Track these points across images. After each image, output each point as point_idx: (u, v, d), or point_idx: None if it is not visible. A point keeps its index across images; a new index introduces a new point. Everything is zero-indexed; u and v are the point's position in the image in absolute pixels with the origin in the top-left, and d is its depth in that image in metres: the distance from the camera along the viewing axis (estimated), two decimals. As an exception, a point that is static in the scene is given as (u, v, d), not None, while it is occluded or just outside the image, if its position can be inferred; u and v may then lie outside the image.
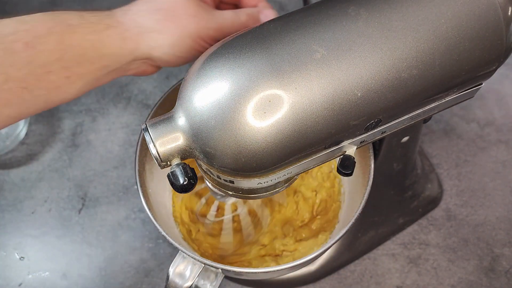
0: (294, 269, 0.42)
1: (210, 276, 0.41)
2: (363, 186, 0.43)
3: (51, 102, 0.35)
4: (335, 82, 0.29)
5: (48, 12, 0.35)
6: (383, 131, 0.34)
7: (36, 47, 0.33)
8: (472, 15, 0.30)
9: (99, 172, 0.61)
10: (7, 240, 0.57)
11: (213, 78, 0.29)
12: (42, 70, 0.33)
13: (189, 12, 0.36)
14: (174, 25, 0.36)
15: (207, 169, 0.33)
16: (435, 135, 0.63)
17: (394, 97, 0.30)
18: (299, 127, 0.29)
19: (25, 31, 0.33)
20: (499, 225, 0.57)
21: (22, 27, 0.34)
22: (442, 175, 0.60)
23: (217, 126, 0.29)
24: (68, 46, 0.34)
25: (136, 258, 0.55)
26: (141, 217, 0.58)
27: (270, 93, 0.28)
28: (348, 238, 0.54)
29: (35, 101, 0.35)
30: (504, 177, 0.60)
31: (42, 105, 0.35)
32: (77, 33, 0.34)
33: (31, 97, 0.34)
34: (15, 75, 0.33)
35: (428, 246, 0.56)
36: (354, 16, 0.30)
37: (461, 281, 0.54)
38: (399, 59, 0.29)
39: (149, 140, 0.31)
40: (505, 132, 0.63)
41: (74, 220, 0.58)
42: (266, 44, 0.29)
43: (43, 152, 0.63)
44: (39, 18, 0.34)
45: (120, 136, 0.64)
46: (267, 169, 0.30)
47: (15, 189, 0.60)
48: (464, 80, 0.33)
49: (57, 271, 0.55)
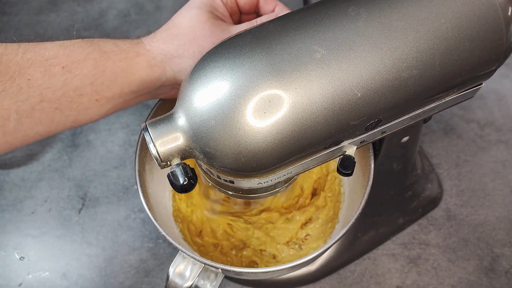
0: (294, 269, 0.42)
1: (210, 276, 0.41)
2: (363, 186, 0.43)
3: (79, 121, 0.37)
4: (335, 82, 0.29)
5: (86, 38, 0.37)
6: (383, 131, 0.34)
7: (72, 71, 0.35)
8: (472, 15, 0.30)
9: (99, 172, 0.61)
10: (7, 240, 0.57)
11: (213, 78, 0.29)
12: (75, 93, 0.35)
13: (206, 34, 0.38)
14: (194, 48, 0.38)
15: (207, 169, 0.33)
16: (435, 135, 0.63)
17: (394, 97, 0.30)
18: (299, 127, 0.29)
19: (65, 55, 0.35)
20: (499, 225, 0.57)
21: (63, 51, 0.35)
22: (442, 175, 0.60)
23: (217, 126, 0.29)
24: (101, 71, 0.36)
25: (136, 258, 0.55)
26: (141, 217, 0.58)
27: (270, 93, 0.28)
28: (348, 238, 0.54)
29: (65, 120, 0.36)
30: (504, 177, 0.60)
31: (70, 124, 0.37)
32: (110, 60, 0.36)
33: (61, 117, 0.36)
34: (50, 97, 0.34)
35: (428, 246, 0.56)
36: (354, 16, 0.30)
37: (461, 281, 0.54)
38: (399, 59, 0.29)
39: (149, 140, 0.31)
40: (505, 132, 0.63)
41: (74, 220, 0.58)
42: (266, 44, 0.29)
43: (43, 152, 0.63)
44: (79, 44, 0.36)
45: (120, 136, 0.63)
46: (267, 169, 0.30)
47: (15, 189, 0.60)
48: (464, 80, 0.33)
49: (57, 271, 0.55)
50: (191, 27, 0.38)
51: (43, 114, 0.35)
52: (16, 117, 0.34)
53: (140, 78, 0.37)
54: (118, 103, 0.38)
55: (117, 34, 0.73)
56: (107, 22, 0.74)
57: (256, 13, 0.43)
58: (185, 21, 0.38)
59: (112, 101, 0.37)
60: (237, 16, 0.43)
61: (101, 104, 0.37)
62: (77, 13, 0.75)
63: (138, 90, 0.38)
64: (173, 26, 0.39)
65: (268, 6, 0.42)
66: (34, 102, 0.34)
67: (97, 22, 0.74)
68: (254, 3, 0.42)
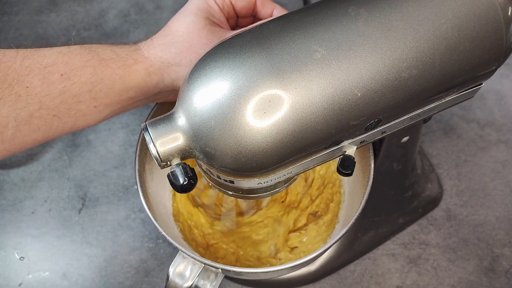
0: (294, 269, 0.42)
1: (210, 276, 0.41)
2: (363, 186, 0.43)
3: (76, 127, 0.37)
4: (335, 82, 0.29)
5: (85, 45, 0.37)
6: (383, 131, 0.34)
7: (71, 78, 0.35)
8: (472, 15, 0.30)
9: (99, 172, 0.61)
10: (7, 240, 0.57)
11: (213, 78, 0.29)
12: (73, 100, 0.35)
13: (203, 41, 0.38)
14: (191, 56, 0.38)
15: (207, 169, 0.33)
16: (435, 135, 0.63)
17: (394, 97, 0.30)
18: (299, 127, 0.29)
19: (64, 63, 0.35)
20: (499, 225, 0.57)
21: (61, 59, 0.35)
22: (442, 175, 0.60)
23: (217, 126, 0.29)
24: (100, 79, 0.36)
25: (136, 258, 0.55)
26: (141, 217, 0.58)
27: (270, 93, 0.28)
28: (348, 238, 0.54)
29: (63, 127, 0.37)
30: (504, 177, 0.60)
31: (67, 130, 0.37)
32: (109, 67, 0.36)
33: (59, 123, 0.36)
34: (48, 104, 0.35)
35: (428, 246, 0.56)
36: (354, 16, 0.30)
37: (461, 281, 0.54)
38: (399, 59, 0.29)
39: (149, 140, 0.31)
40: (505, 132, 0.63)
41: (74, 220, 0.58)
42: (266, 44, 0.29)
43: (43, 152, 0.63)
44: (77, 51, 0.36)
45: (120, 136, 0.63)
46: (267, 169, 0.30)
47: (15, 189, 0.60)
48: (464, 80, 0.33)
49: (57, 271, 0.55)
50: (187, 34, 0.38)
51: (41, 121, 0.35)
52: (15, 124, 0.34)
53: (138, 85, 0.38)
54: (115, 109, 0.38)
55: (117, 34, 0.73)
56: (107, 22, 0.74)
57: (253, 16, 0.43)
58: (182, 29, 0.38)
59: (110, 107, 0.38)
60: (234, 20, 0.43)
61: (99, 110, 0.37)
62: (77, 13, 0.75)
63: (136, 96, 0.38)
64: (170, 33, 0.39)
65: (266, 10, 0.42)
66: (33, 110, 0.34)
67: (97, 22, 0.74)
68: (251, 7, 0.42)
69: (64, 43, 0.37)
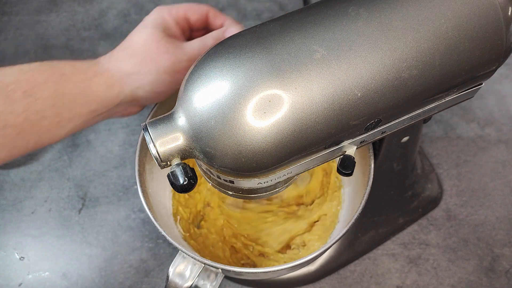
0: (294, 269, 0.42)
1: (210, 276, 0.41)
2: (363, 186, 0.43)
3: (41, 144, 0.38)
4: (335, 82, 0.29)
5: (45, 61, 0.38)
6: (383, 131, 0.34)
7: (33, 95, 0.35)
8: (472, 15, 0.30)
9: (99, 172, 0.61)
10: (7, 240, 0.57)
11: (213, 78, 0.29)
12: (36, 116, 0.36)
13: (161, 51, 0.39)
14: (150, 65, 0.39)
15: (207, 169, 0.33)
16: (435, 135, 0.63)
17: (394, 97, 0.30)
18: (299, 127, 0.29)
19: (25, 80, 0.35)
20: (499, 225, 0.57)
21: (23, 76, 0.36)
22: (442, 175, 0.60)
23: (217, 126, 0.29)
24: (62, 93, 0.37)
25: (136, 258, 0.55)
26: (141, 217, 0.58)
27: (270, 93, 0.28)
28: (348, 238, 0.54)
29: (27, 144, 0.37)
30: (504, 177, 0.60)
31: (31, 147, 0.37)
32: (70, 81, 0.37)
33: (23, 141, 0.36)
34: (12, 122, 0.35)
35: (428, 246, 0.56)
36: (354, 16, 0.30)
37: (461, 281, 0.54)
38: (399, 59, 0.29)
39: (149, 140, 0.31)
40: (505, 132, 0.63)
41: (74, 220, 0.58)
42: (266, 44, 0.29)
43: (43, 152, 0.63)
44: (38, 68, 0.37)
45: (120, 136, 0.63)
46: (267, 169, 0.30)
47: (15, 189, 0.60)
48: (464, 80, 0.33)
49: (57, 271, 0.55)
50: (146, 45, 0.39)
51: (6, 139, 0.35)
52: None
53: (99, 97, 0.38)
54: (78, 124, 0.39)
55: (117, 34, 0.73)
56: (107, 22, 0.74)
57: (206, 29, 0.45)
58: (141, 40, 0.40)
59: (72, 122, 0.38)
60: (188, 34, 0.44)
61: (61, 126, 0.37)
62: (77, 13, 0.75)
63: (97, 109, 0.39)
64: (129, 46, 0.40)
65: (217, 22, 0.43)
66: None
67: (97, 22, 0.74)
68: (204, 20, 0.43)
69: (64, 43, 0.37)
